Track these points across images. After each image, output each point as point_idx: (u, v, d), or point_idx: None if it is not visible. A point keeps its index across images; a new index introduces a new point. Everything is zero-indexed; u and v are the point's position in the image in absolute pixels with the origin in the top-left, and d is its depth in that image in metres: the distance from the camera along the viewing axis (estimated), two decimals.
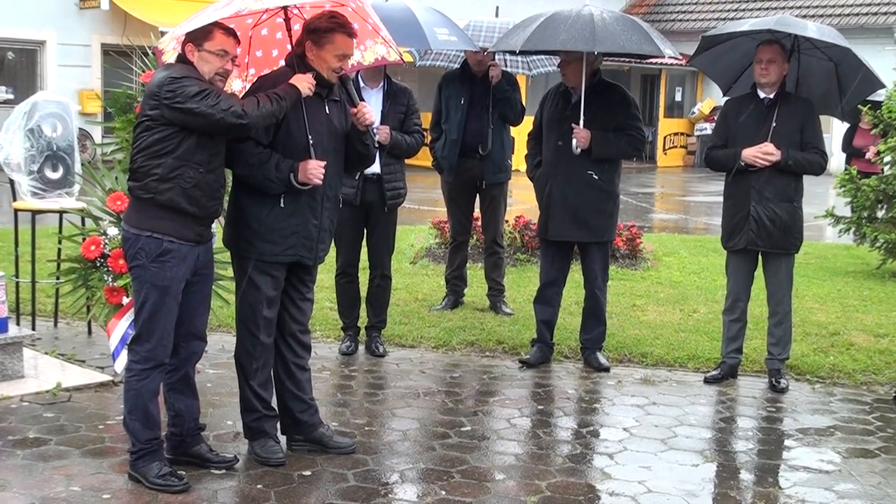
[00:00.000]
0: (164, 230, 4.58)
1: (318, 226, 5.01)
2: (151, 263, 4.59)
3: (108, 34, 22.67)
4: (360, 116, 5.03)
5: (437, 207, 13.38)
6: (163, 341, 4.65)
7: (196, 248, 4.70)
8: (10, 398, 5.79)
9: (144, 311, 4.63)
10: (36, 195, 7.40)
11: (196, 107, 4.45)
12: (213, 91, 4.51)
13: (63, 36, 22.24)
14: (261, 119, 4.59)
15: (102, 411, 5.67)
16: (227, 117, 4.47)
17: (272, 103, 4.62)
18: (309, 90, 4.80)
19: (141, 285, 4.66)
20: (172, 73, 4.56)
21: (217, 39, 4.64)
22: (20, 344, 6.20)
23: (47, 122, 7.53)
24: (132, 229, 4.64)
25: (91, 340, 7.23)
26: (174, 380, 4.85)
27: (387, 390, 6.40)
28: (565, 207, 6.79)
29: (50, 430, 5.37)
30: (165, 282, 4.60)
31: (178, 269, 4.63)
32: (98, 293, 6.27)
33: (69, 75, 22.02)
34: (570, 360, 7.17)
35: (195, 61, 4.63)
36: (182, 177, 4.55)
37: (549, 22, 6.76)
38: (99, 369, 6.46)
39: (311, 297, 5.25)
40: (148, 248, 4.58)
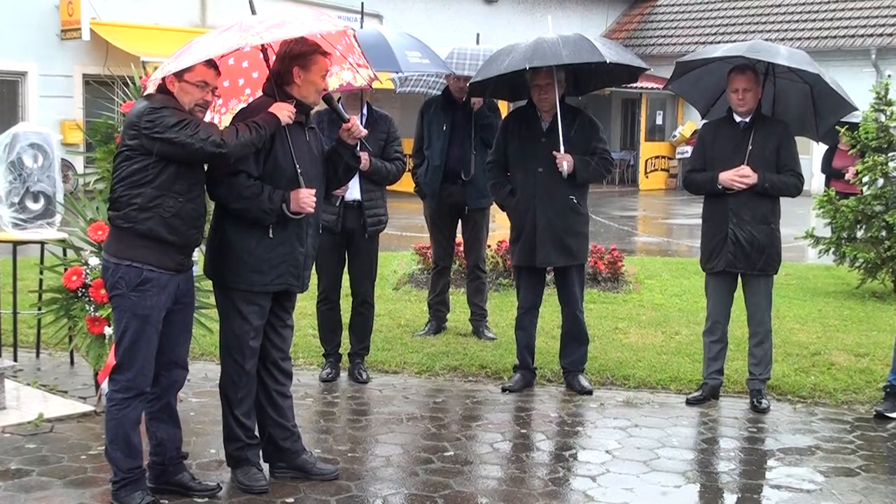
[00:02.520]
0: (143, 259, 4.59)
1: (305, 253, 5.05)
2: (132, 293, 4.59)
3: (90, 64, 22.66)
4: (354, 129, 5.11)
5: (420, 233, 13.41)
6: (143, 370, 4.65)
7: (176, 277, 4.72)
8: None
9: (125, 341, 4.64)
10: (17, 226, 7.41)
11: (175, 136, 4.48)
12: (192, 121, 4.54)
13: (44, 67, 22.22)
14: (239, 148, 4.62)
15: (85, 441, 5.66)
16: (206, 146, 4.50)
17: (251, 132, 4.65)
18: (289, 118, 4.83)
19: (121, 315, 4.66)
20: (152, 104, 4.59)
21: (197, 71, 4.67)
22: (2, 375, 6.19)
23: (28, 154, 7.55)
24: (112, 258, 4.66)
25: (73, 371, 7.22)
26: (156, 409, 4.85)
27: (370, 416, 6.41)
28: (550, 233, 6.83)
29: (32, 461, 5.36)
30: (146, 311, 4.61)
31: (159, 298, 4.64)
32: (80, 323, 6.29)
33: (50, 106, 21.99)
34: (553, 384, 7.19)
35: (175, 92, 4.66)
36: (162, 206, 4.57)
37: (500, 52, 7.03)
38: (81, 399, 6.45)
39: (292, 323, 5.27)
40: (128, 277, 4.59)
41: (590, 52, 6.63)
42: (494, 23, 27.47)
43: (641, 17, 32.67)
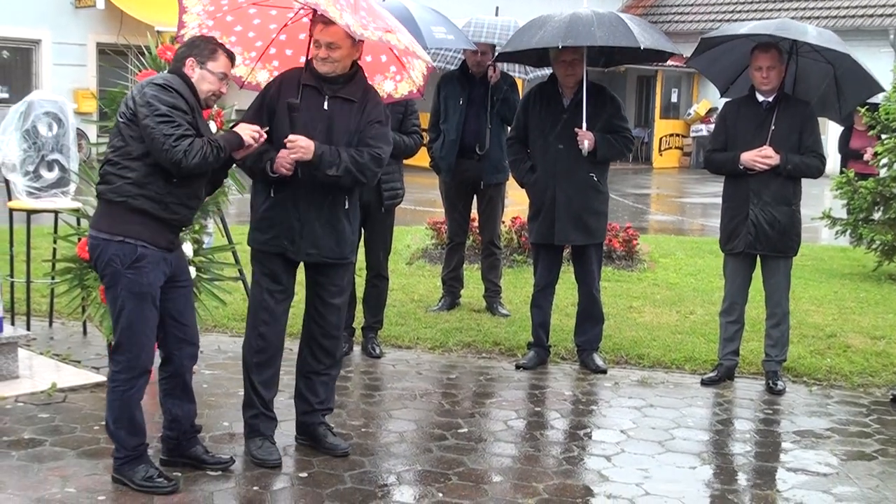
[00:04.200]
0: (137, 235, 4.49)
1: (300, 219, 4.94)
2: (127, 270, 4.48)
3: (104, 33, 22.60)
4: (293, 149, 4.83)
5: (434, 208, 13.37)
6: (145, 348, 4.58)
7: (169, 256, 4.64)
8: (4, 399, 5.77)
9: (122, 320, 4.53)
10: (31, 195, 7.38)
11: (153, 127, 4.37)
12: (179, 122, 4.41)
13: (58, 35, 22.17)
14: (195, 168, 4.44)
15: (97, 412, 5.62)
16: (170, 152, 4.36)
17: (212, 152, 4.48)
18: (251, 139, 4.68)
19: (117, 293, 4.53)
20: (165, 83, 4.49)
21: (221, 61, 4.64)
22: (15, 344, 6.18)
23: (43, 122, 7.51)
24: (102, 234, 4.52)
25: (86, 341, 7.21)
26: (171, 385, 4.81)
27: (383, 392, 6.38)
28: (569, 211, 6.77)
29: (45, 430, 5.35)
30: (143, 288, 4.52)
31: (155, 275, 4.55)
32: (93, 293, 6.25)
33: (64, 74, 21.96)
34: (567, 362, 7.16)
35: (194, 78, 4.59)
36: (155, 183, 4.48)
37: (532, 23, 6.94)
38: (94, 370, 6.43)
39: (336, 302, 5.16)
40: (122, 253, 4.48)
41: (625, 34, 6.57)
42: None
43: None
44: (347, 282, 5.31)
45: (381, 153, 4.93)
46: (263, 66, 5.30)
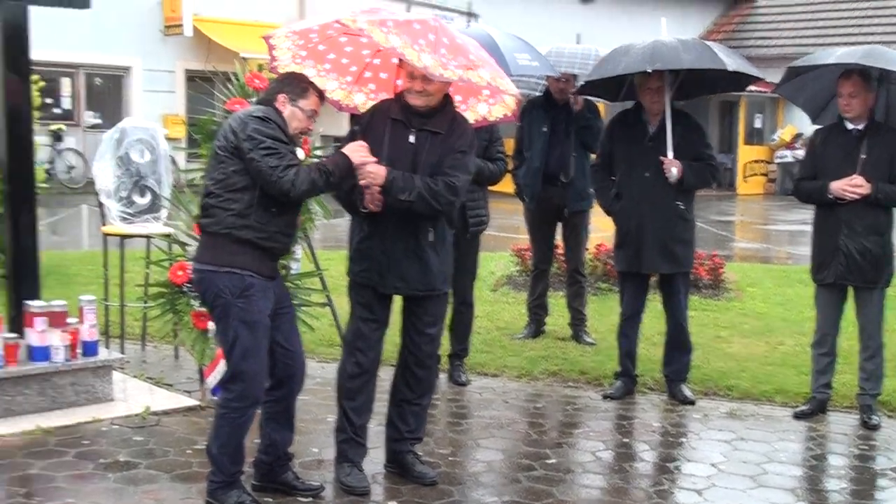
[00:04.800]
0: (244, 265, 4.55)
1: (386, 252, 4.96)
2: (238, 300, 4.53)
3: (192, 60, 23.09)
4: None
5: (518, 234, 13.34)
6: (257, 378, 4.63)
7: (271, 283, 4.71)
8: (100, 421, 5.88)
9: (237, 350, 4.57)
10: (125, 220, 7.53)
11: (260, 161, 4.45)
12: (284, 153, 4.49)
13: (148, 62, 22.71)
14: (305, 194, 4.55)
15: (190, 436, 5.72)
16: (278, 183, 4.45)
17: (320, 177, 4.55)
18: (360, 158, 4.72)
19: (228, 324, 4.57)
20: (265, 115, 4.56)
21: (312, 100, 4.70)
22: (110, 367, 6.30)
23: (135, 149, 7.67)
24: (208, 266, 4.58)
25: (178, 364, 7.32)
26: (275, 410, 4.85)
27: (470, 420, 6.37)
28: (656, 239, 6.72)
29: (139, 453, 5.43)
30: (255, 316, 4.57)
31: (264, 303, 4.62)
32: (185, 318, 6.35)
33: (154, 100, 22.46)
34: (654, 393, 7.08)
35: (285, 114, 4.65)
36: (257, 213, 4.54)
37: (615, 52, 6.94)
38: (186, 393, 6.53)
39: (430, 332, 5.17)
40: (231, 284, 4.54)
41: (710, 58, 6.54)
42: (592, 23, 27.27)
43: (740, 18, 32.18)
44: (441, 312, 5.28)
45: (456, 182, 4.91)
46: (360, 89, 5.33)
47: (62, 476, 5.07)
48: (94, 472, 5.14)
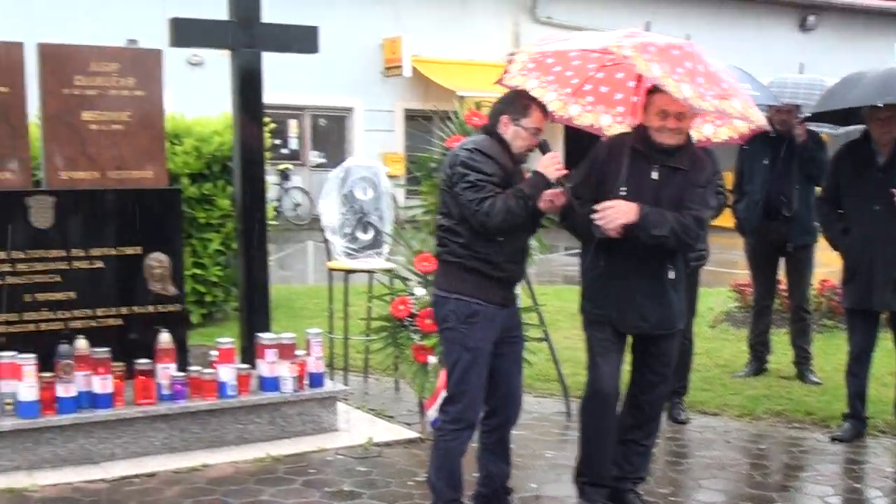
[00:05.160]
0: (471, 293, 4.67)
1: (628, 291, 4.88)
2: (461, 325, 4.67)
3: (411, 100, 23.72)
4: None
5: (736, 270, 13.01)
6: (473, 403, 4.72)
7: (502, 312, 4.76)
8: (325, 450, 6.07)
9: (455, 373, 4.73)
10: (349, 256, 7.79)
11: (461, 193, 4.57)
12: (484, 186, 4.54)
13: (369, 102, 23.46)
14: (503, 224, 4.54)
15: (411, 468, 5.83)
16: (476, 216, 4.53)
17: (517, 203, 4.55)
18: (556, 172, 4.66)
19: (451, 347, 4.76)
20: (475, 146, 4.65)
21: (534, 117, 4.71)
22: (335, 398, 6.51)
23: (359, 187, 7.92)
24: (441, 292, 4.78)
25: (398, 397, 7.49)
26: (490, 441, 4.91)
27: (690, 460, 6.24)
28: (888, 275, 6.42)
29: (362, 483, 5.58)
30: (475, 343, 4.68)
31: (487, 331, 4.70)
32: (406, 351, 6.49)
33: (374, 139, 23.17)
34: (887, 436, 6.73)
35: (508, 135, 4.71)
36: (481, 244, 4.63)
37: (845, 81, 6.68)
38: (407, 425, 6.66)
39: (665, 372, 5.10)
40: (458, 310, 4.68)
41: None
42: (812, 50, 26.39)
43: None
44: (675, 351, 5.19)
45: (702, 215, 4.84)
46: (576, 101, 5.26)
47: (290, 503, 5.26)
48: (320, 500, 5.31)
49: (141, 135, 6.38)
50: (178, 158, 9.26)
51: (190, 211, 9.31)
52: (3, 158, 6.02)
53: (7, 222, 5.94)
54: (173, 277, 6.37)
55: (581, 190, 4.82)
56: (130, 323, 6.26)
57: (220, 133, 9.57)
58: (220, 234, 9.62)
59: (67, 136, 6.19)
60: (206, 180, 9.53)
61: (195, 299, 9.45)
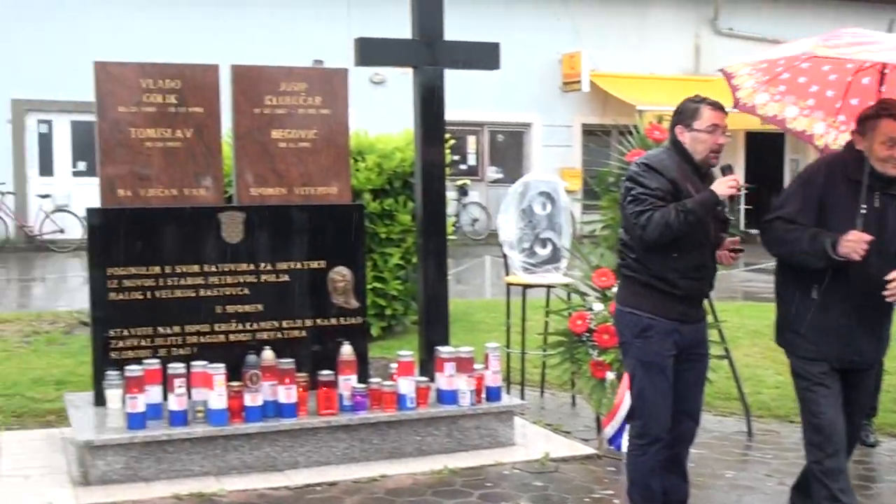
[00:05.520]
0: (643, 307, 4.65)
1: (849, 327, 4.59)
2: (635, 339, 4.68)
3: (589, 115, 23.64)
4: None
5: None
6: (655, 417, 4.67)
7: (682, 326, 4.68)
8: (502, 464, 6.09)
9: (634, 388, 4.76)
10: (526, 270, 7.83)
11: (625, 207, 4.61)
12: (642, 200, 4.50)
13: (547, 118, 23.49)
14: (659, 239, 4.48)
15: (588, 484, 5.80)
16: (633, 230, 4.56)
17: (676, 217, 4.44)
18: (730, 190, 4.51)
19: (629, 362, 4.79)
20: (645, 162, 4.63)
21: (704, 117, 4.62)
22: (511, 413, 6.53)
23: (538, 202, 7.95)
24: (619, 306, 4.80)
25: (575, 412, 7.46)
26: (664, 457, 4.83)
27: (880, 484, 5.99)
28: None
29: (539, 498, 5.57)
30: (649, 357, 4.65)
31: (662, 345, 4.64)
32: (583, 366, 6.48)
33: (552, 155, 23.18)
34: None
35: (687, 142, 4.65)
36: (653, 259, 4.59)
37: None
38: (583, 441, 6.63)
39: (864, 403, 4.89)
40: (631, 324, 4.69)
41: None
42: None
43: None
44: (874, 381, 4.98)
45: None
46: (823, 117, 5.15)
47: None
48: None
49: (327, 152, 6.58)
50: (360, 175, 9.48)
51: (371, 226, 9.51)
52: (198, 175, 6.32)
53: (200, 237, 6.22)
54: (356, 291, 6.54)
55: (799, 217, 4.59)
56: (314, 335, 6.45)
57: (401, 149, 9.76)
58: (401, 248, 9.79)
59: (257, 154, 6.45)
60: (387, 196, 9.73)
61: (375, 312, 9.64)
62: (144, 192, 6.23)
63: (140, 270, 6.11)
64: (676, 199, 4.53)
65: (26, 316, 11.28)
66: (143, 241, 6.12)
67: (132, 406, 5.65)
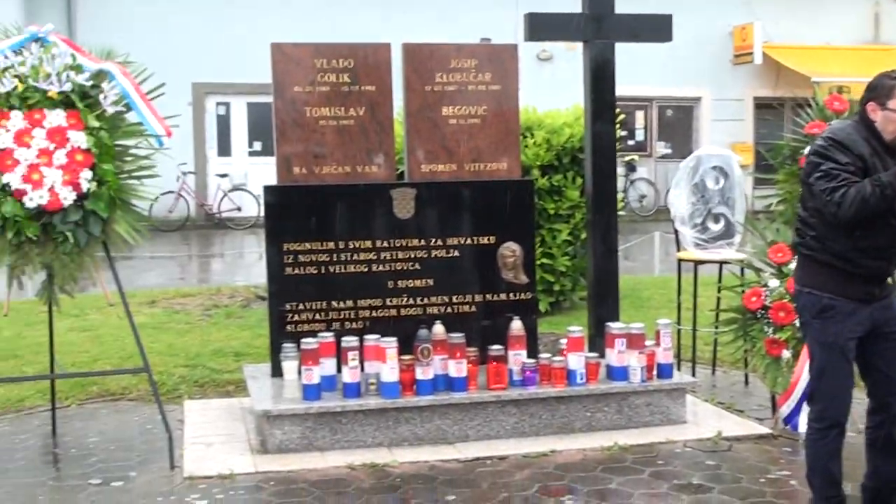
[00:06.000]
0: (822, 287, 4.48)
1: None
2: (814, 320, 4.53)
3: (760, 88, 23.01)
4: None
5: None
6: (834, 401, 4.51)
7: (866, 306, 4.50)
8: (673, 442, 6.02)
9: (814, 370, 4.60)
10: (698, 246, 7.68)
11: (814, 184, 4.38)
12: (835, 176, 4.31)
13: (717, 92, 22.98)
14: (855, 216, 4.27)
15: (762, 464, 5.67)
16: (826, 206, 4.33)
17: (872, 192, 4.24)
18: None
19: (809, 343, 4.66)
20: (831, 136, 4.42)
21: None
22: (683, 390, 6.43)
23: (710, 176, 7.79)
24: (797, 286, 4.64)
25: (748, 391, 7.30)
26: (874, 436, 4.63)
27: None
28: None
29: (711, 478, 5.48)
30: (829, 338, 4.48)
31: (843, 326, 4.46)
32: (758, 344, 6.32)
33: (722, 129, 22.67)
34: None
35: (878, 121, 4.43)
36: (835, 238, 4.41)
37: None
38: (757, 420, 6.48)
39: None
40: (809, 304, 4.54)
41: None
42: None
43: None
44: None
45: None
46: None
47: (638, 494, 5.25)
48: (668, 493, 5.27)
49: (496, 128, 6.60)
50: (529, 151, 9.48)
51: (540, 202, 9.51)
52: (371, 153, 6.44)
53: (373, 213, 6.34)
54: (525, 266, 6.55)
55: None
56: (483, 310, 6.49)
57: (570, 125, 9.71)
58: (569, 224, 9.76)
59: (428, 131, 6.52)
60: (555, 172, 9.70)
61: (543, 288, 9.63)
62: (319, 170, 6.38)
63: (314, 246, 6.27)
64: (865, 176, 4.35)
65: (207, 290, 11.76)
66: (317, 217, 6.28)
67: (308, 378, 5.81)
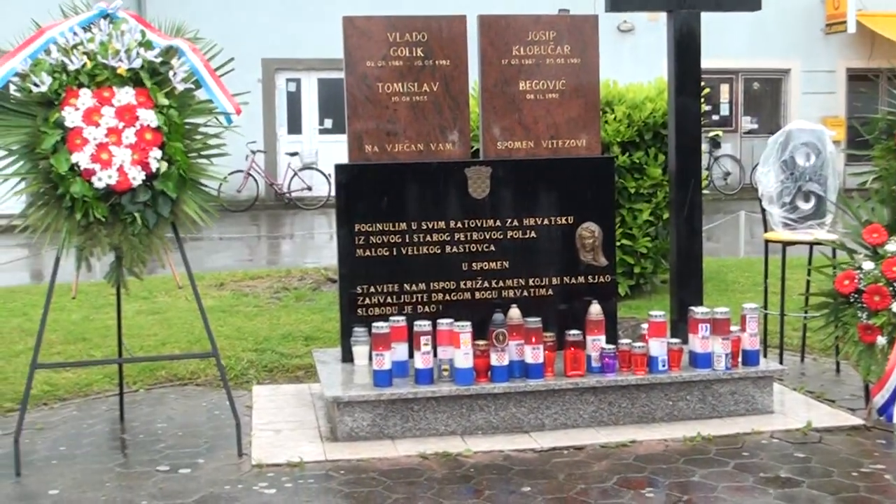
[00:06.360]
0: None
1: None
2: None
3: (854, 59, 22.31)
4: None
5: None
6: None
7: None
8: (760, 433, 5.75)
9: None
10: (787, 226, 7.36)
11: None
12: None
13: (808, 63, 22.34)
14: None
15: (856, 457, 5.38)
16: None
17: None
18: None
19: None
20: None
21: None
22: (770, 378, 6.14)
23: (800, 152, 7.45)
24: None
25: (839, 379, 6.97)
26: None
27: None
28: None
29: (801, 471, 5.20)
30: None
31: None
32: (850, 330, 6.03)
33: (812, 102, 22.03)
34: None
35: None
36: None
37: None
38: (850, 411, 6.17)
39: None
40: None
41: None
42: None
43: None
44: None
45: None
46: None
47: (722, 487, 5.01)
48: (754, 486, 5.02)
49: (575, 103, 6.35)
50: (609, 127, 9.20)
51: (620, 180, 9.23)
52: (445, 130, 6.23)
53: (447, 192, 6.14)
54: (605, 248, 6.31)
55: None
56: (561, 293, 6.27)
57: (652, 100, 9.41)
58: (651, 203, 9.46)
59: (505, 107, 6.29)
60: (637, 149, 9.41)
61: (623, 271, 9.37)
62: (391, 148, 6.19)
63: (386, 226, 6.10)
64: None
65: (276, 272, 11.67)
66: (389, 197, 6.10)
67: (379, 363, 5.65)
